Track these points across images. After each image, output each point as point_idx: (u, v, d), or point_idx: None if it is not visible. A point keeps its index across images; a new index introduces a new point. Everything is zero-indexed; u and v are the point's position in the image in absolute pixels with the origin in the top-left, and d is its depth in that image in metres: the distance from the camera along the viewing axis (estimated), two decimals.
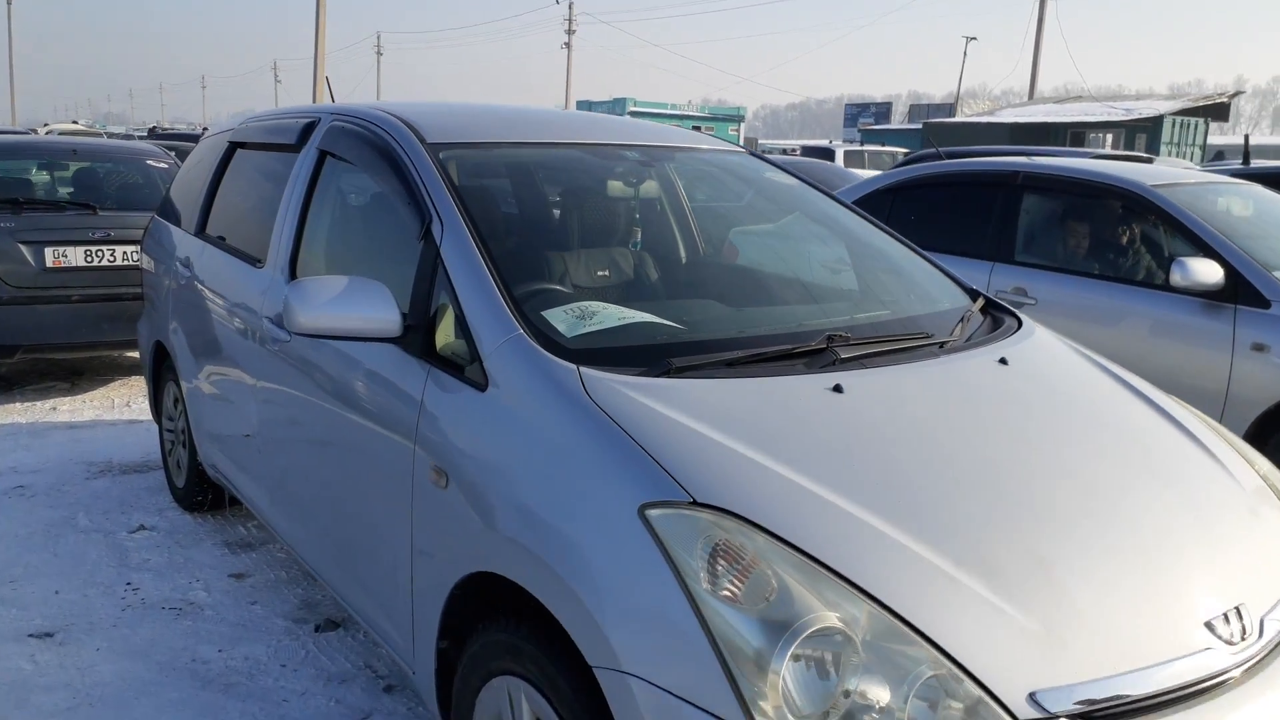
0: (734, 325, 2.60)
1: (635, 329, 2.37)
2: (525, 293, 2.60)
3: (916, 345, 2.43)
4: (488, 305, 2.25)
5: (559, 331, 2.30)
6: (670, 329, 2.41)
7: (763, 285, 3.12)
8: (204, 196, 4.20)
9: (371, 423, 2.49)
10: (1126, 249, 4.80)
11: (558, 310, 2.45)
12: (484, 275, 2.31)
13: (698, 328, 2.49)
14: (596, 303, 2.55)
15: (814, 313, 2.79)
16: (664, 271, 3.55)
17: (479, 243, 2.41)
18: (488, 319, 2.23)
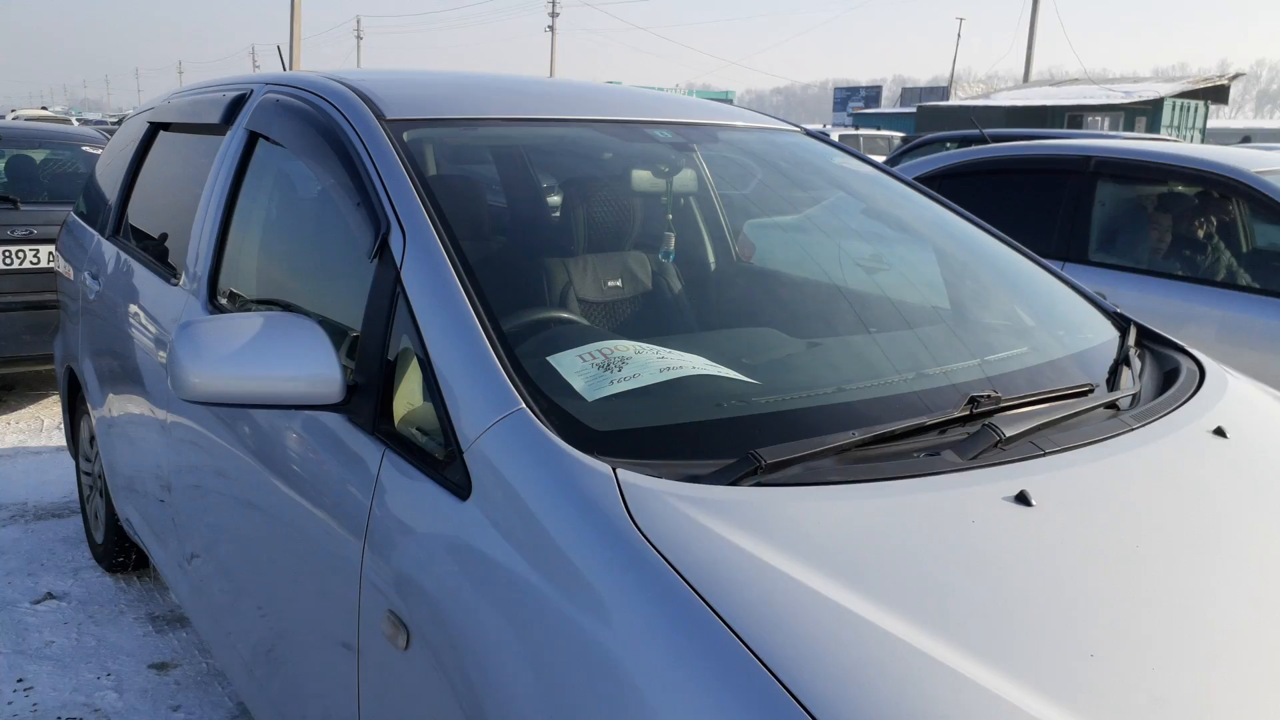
0: (819, 374, 1.84)
1: (687, 388, 1.62)
2: (522, 326, 1.85)
3: (1089, 407, 1.69)
4: (470, 360, 1.50)
5: (576, 392, 1.55)
6: (736, 386, 1.65)
7: (829, 304, 2.36)
8: (119, 192, 3.41)
9: (308, 508, 1.74)
10: (1228, 247, 4.07)
11: (571, 356, 1.70)
12: (462, 312, 1.56)
13: (775, 382, 1.74)
14: (623, 342, 1.79)
15: (917, 347, 2.04)
16: (701, 287, 2.79)
17: (457, 262, 1.65)
18: (470, 383, 1.47)
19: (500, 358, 1.50)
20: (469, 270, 1.65)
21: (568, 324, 2.07)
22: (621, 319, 2.90)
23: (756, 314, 2.37)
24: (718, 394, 1.62)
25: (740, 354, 1.93)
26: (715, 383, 1.65)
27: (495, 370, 1.47)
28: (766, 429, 1.50)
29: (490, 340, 1.53)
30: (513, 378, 1.47)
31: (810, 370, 1.85)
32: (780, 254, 3.05)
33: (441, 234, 1.70)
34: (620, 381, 1.62)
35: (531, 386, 1.48)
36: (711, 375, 1.66)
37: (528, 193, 2.99)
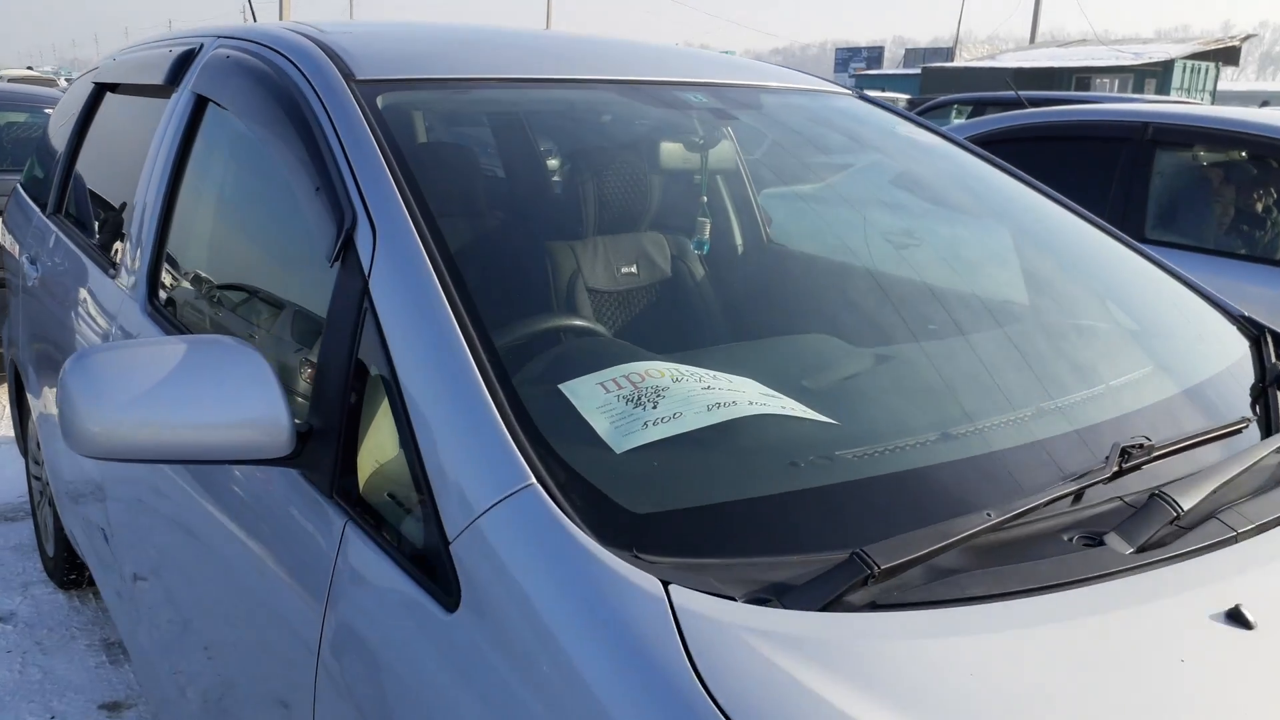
0: (904, 406, 1.45)
1: (747, 434, 1.23)
2: (524, 340, 1.47)
3: (1262, 456, 1.31)
4: (458, 406, 1.11)
5: (599, 440, 1.18)
6: (810, 431, 1.27)
7: (893, 301, 1.97)
8: (61, 163, 2.99)
9: (257, 556, 1.36)
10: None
11: (590, 385, 1.31)
12: (448, 339, 1.16)
13: (855, 422, 1.35)
14: (655, 364, 1.40)
15: (1016, 365, 1.65)
16: (731, 277, 2.41)
17: (442, 267, 1.25)
18: (458, 441, 1.08)
19: (500, 404, 1.11)
20: (458, 278, 1.25)
21: (582, 336, 1.68)
22: (638, 311, 2.51)
23: (805, 315, 1.98)
24: (788, 443, 1.24)
25: (795, 372, 1.54)
26: (781, 425, 1.27)
27: (493, 424, 1.09)
28: (865, 504, 1.12)
29: (486, 378, 1.14)
30: (517, 435, 1.08)
31: (891, 400, 1.46)
32: (818, 235, 2.65)
33: (423, 230, 1.30)
34: (658, 424, 1.23)
35: (542, 446, 1.09)
36: (777, 416, 1.28)
37: (530, 168, 2.58)
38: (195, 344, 1.23)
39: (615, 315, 2.48)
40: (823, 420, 1.30)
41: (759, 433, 1.24)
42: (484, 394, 1.11)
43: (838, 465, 1.19)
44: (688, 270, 2.59)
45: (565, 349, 1.47)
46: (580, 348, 1.49)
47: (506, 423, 1.08)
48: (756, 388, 1.39)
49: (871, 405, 1.44)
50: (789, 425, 1.27)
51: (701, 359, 1.57)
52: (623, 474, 1.12)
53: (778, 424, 1.26)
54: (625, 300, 2.51)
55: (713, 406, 1.27)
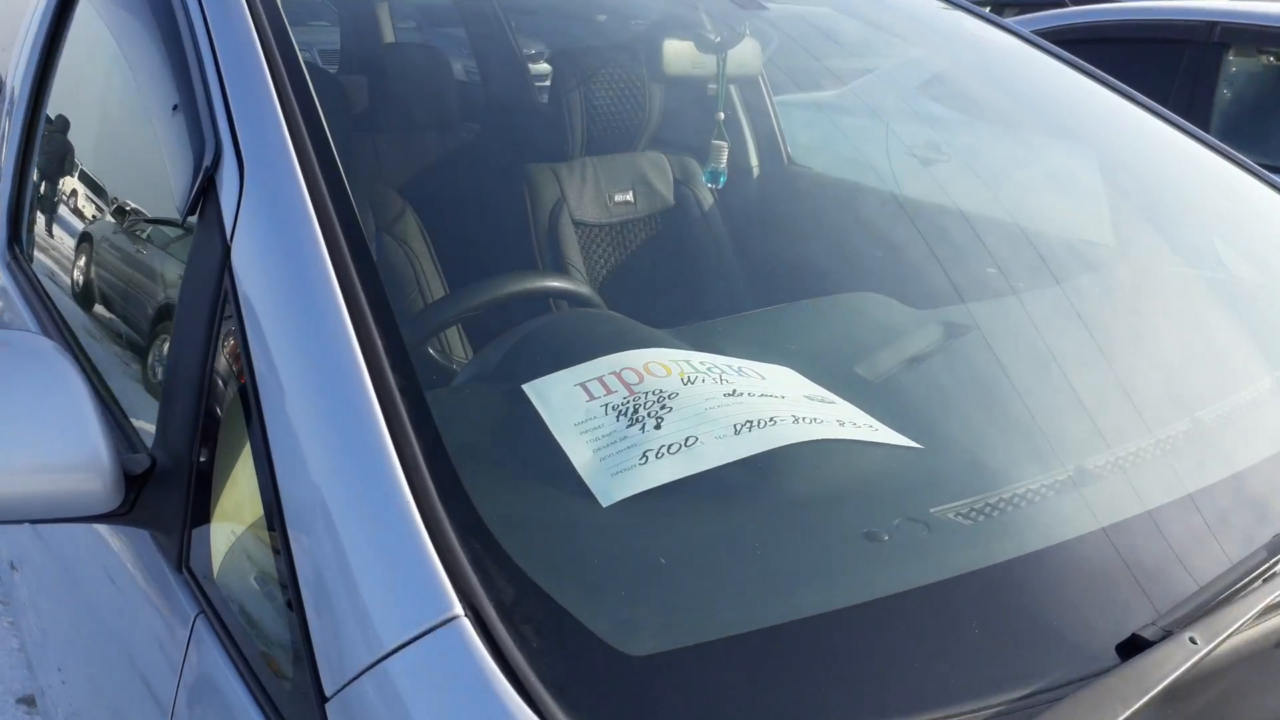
0: (999, 419, 1.03)
1: (794, 475, 0.84)
2: (472, 311, 1.08)
3: None
4: (347, 473, 0.70)
5: (581, 487, 0.78)
6: (890, 465, 0.87)
7: (958, 246, 1.54)
8: None
9: (98, 617, 0.98)
10: None
11: (565, 385, 0.92)
12: (342, 352, 0.75)
13: (948, 450, 0.94)
14: (658, 353, 1.00)
15: (1126, 350, 1.23)
16: (747, 209, 1.99)
17: (337, 228, 0.83)
18: (346, 535, 0.68)
19: (413, 467, 0.70)
20: (357, 243, 0.83)
21: (559, 300, 1.27)
22: (633, 249, 2.09)
23: (846, 264, 1.56)
24: (857, 489, 0.84)
25: (843, 350, 1.15)
26: (842, 456, 0.87)
27: (400, 507, 0.68)
28: (997, 616, 0.72)
29: (392, 416, 0.72)
30: (439, 527, 0.67)
31: (975, 398, 1.05)
32: (849, 157, 2.21)
33: (311, 166, 0.87)
34: (662, 456, 0.84)
35: (481, 539, 0.68)
36: (834, 439, 0.87)
37: (506, 73, 2.13)
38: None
39: (605, 255, 2.06)
40: (900, 443, 0.90)
41: (811, 472, 0.84)
42: (387, 451, 0.70)
43: (942, 535, 0.79)
44: (694, 199, 2.15)
45: (534, 328, 1.06)
46: (554, 326, 1.07)
47: (424, 504, 0.68)
48: (798, 387, 0.98)
49: (953, 409, 1.04)
50: (852, 455, 0.87)
51: (715, 333, 1.17)
52: (611, 579, 0.72)
53: (837, 455, 0.86)
54: (618, 236, 2.09)
55: (742, 427, 0.87)
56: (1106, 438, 0.92)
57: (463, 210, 1.96)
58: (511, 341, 1.03)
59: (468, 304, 1.10)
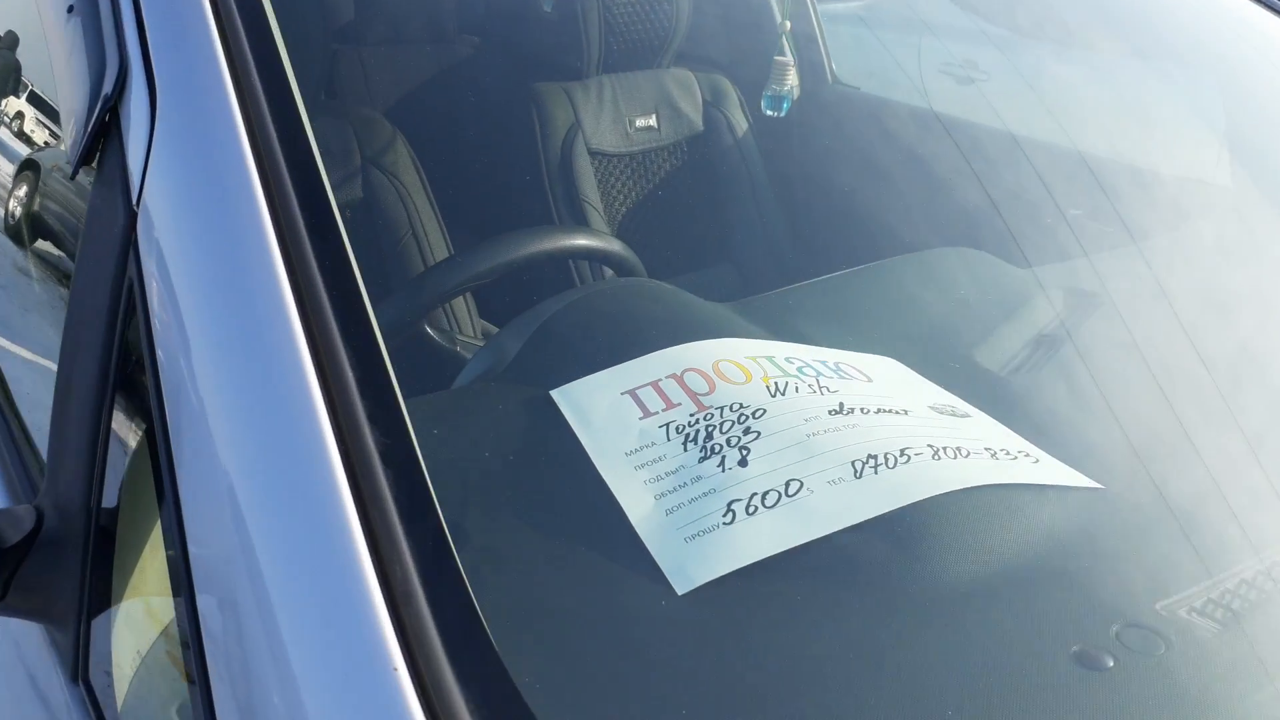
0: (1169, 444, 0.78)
1: (944, 543, 0.59)
2: (466, 283, 0.82)
3: None
4: (285, 553, 0.45)
5: (666, 572, 0.54)
6: (1075, 518, 0.62)
7: (1039, 180, 1.26)
8: None
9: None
10: None
11: (606, 394, 0.67)
12: (285, 360, 0.49)
13: (1145, 501, 0.69)
14: (728, 347, 0.75)
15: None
16: (808, 151, 1.72)
17: (282, 172, 0.56)
18: (290, 655, 0.44)
19: (383, 524, 0.45)
20: (319, 215, 0.56)
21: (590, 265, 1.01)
22: (656, 181, 1.81)
23: (925, 209, 1.28)
24: (1039, 570, 0.59)
25: (948, 326, 0.90)
26: (1011, 511, 0.62)
27: (362, 605, 0.43)
28: None
29: (362, 459, 0.47)
30: (423, 652, 0.42)
31: (1162, 417, 0.80)
32: (901, 75, 1.91)
33: (259, 100, 0.59)
34: (756, 511, 0.59)
35: (486, 664, 0.44)
36: (991, 484, 0.62)
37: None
38: None
39: (625, 191, 1.79)
40: (1074, 482, 0.65)
41: (967, 538, 0.59)
42: (346, 522, 0.44)
43: (1191, 652, 0.54)
44: (726, 123, 1.87)
45: (562, 308, 0.79)
46: (589, 305, 0.81)
47: (404, 608, 0.43)
48: (915, 392, 0.74)
49: (1123, 416, 0.78)
50: (1017, 508, 0.62)
51: (781, 308, 0.91)
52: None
53: (996, 508, 0.61)
54: (639, 168, 1.82)
55: (864, 466, 0.62)
56: None
57: (461, 138, 1.69)
58: (531, 327, 0.77)
59: (473, 271, 0.85)
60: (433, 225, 1.51)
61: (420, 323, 0.87)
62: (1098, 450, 0.71)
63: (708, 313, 0.82)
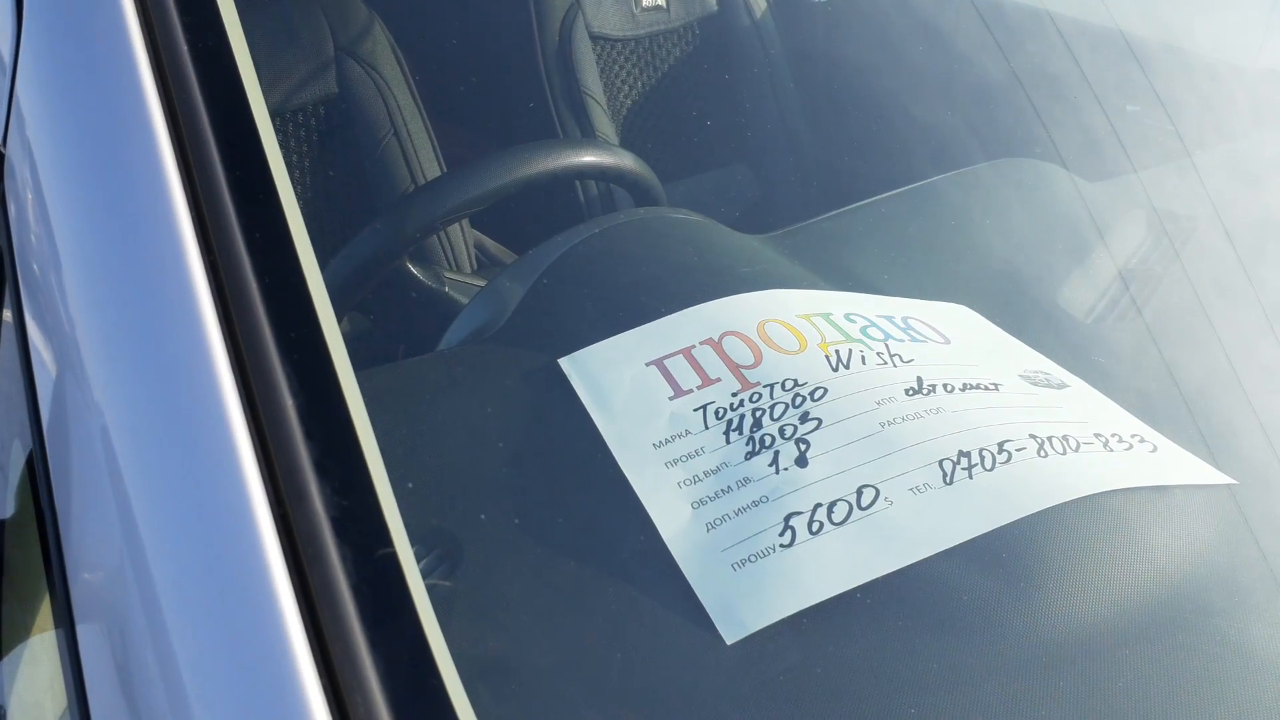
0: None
1: (1075, 569, 0.47)
2: (444, 217, 0.68)
3: None
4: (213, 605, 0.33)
5: (711, 614, 0.43)
6: (1220, 531, 0.50)
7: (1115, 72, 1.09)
8: None
9: None
10: None
11: (628, 366, 0.54)
12: (202, 355, 0.36)
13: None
14: (776, 300, 0.61)
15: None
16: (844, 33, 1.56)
17: (228, 120, 0.42)
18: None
19: (316, 551, 0.32)
20: (246, 151, 0.41)
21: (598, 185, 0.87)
22: (664, 72, 1.64)
23: (976, 108, 1.12)
24: (1184, 601, 0.47)
25: (1022, 262, 0.77)
26: (1136, 522, 0.50)
27: (281, 645, 0.30)
28: None
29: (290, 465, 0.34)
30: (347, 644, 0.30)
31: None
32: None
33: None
34: (823, 527, 0.47)
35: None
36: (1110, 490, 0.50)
37: None
38: None
39: (631, 82, 1.62)
40: (1206, 478, 0.53)
41: (1091, 563, 0.47)
42: (260, 554, 0.31)
43: None
44: (743, 3, 1.69)
45: (572, 248, 0.65)
46: (604, 244, 0.66)
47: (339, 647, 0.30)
48: (1003, 354, 0.60)
49: (1233, 388, 0.65)
50: (1141, 517, 0.50)
51: (826, 238, 0.77)
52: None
53: (1118, 520, 0.49)
54: (646, 55, 1.64)
55: (954, 467, 0.50)
56: None
57: (447, 22, 1.51)
58: (534, 273, 0.63)
59: (459, 199, 0.70)
60: (417, 124, 1.35)
61: (401, 259, 0.73)
62: (1224, 426, 0.59)
63: (746, 252, 0.68)
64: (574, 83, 1.52)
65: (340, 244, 0.76)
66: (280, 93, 1.23)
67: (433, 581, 0.43)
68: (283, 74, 1.24)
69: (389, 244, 0.69)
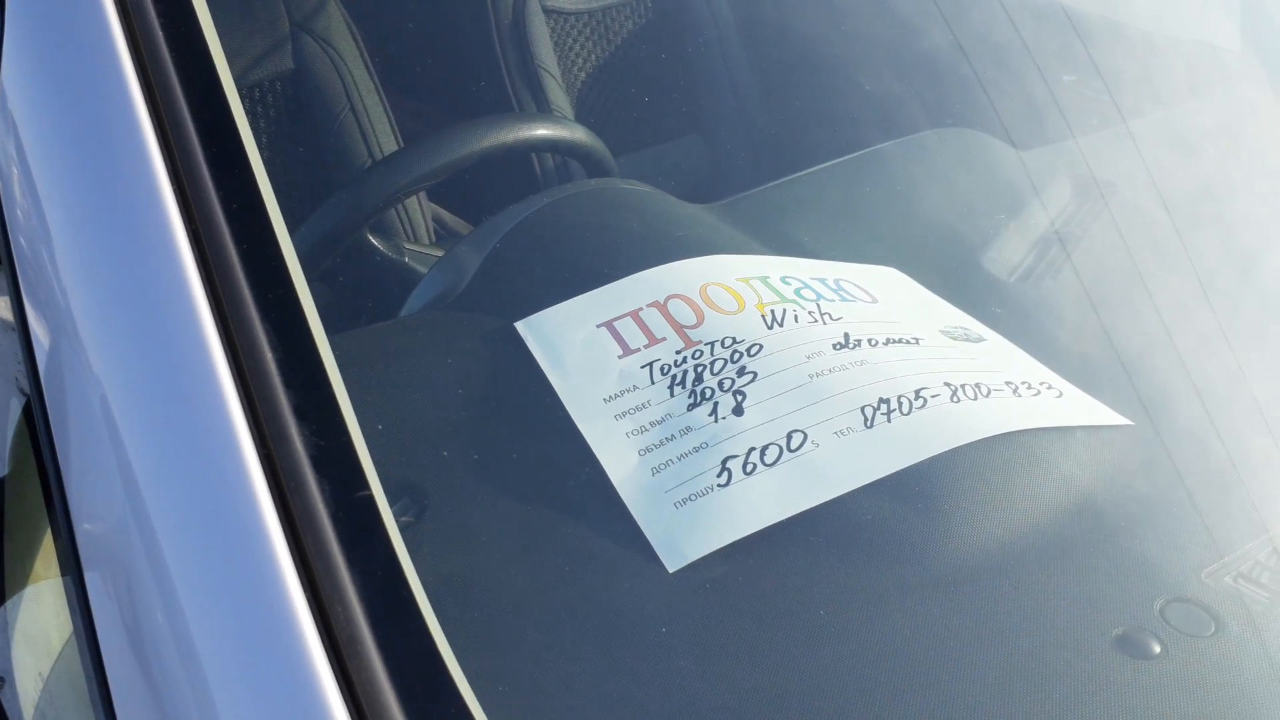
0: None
1: (983, 501, 0.52)
2: (404, 188, 0.72)
3: None
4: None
5: (656, 546, 0.47)
6: (1103, 471, 0.55)
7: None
8: None
9: None
10: None
11: (578, 327, 0.59)
12: (189, 319, 0.40)
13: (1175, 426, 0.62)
14: (718, 265, 0.66)
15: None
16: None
17: (201, 94, 0.45)
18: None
19: (304, 505, 0.36)
20: (210, 82, 0.44)
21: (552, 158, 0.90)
22: (618, 46, 1.67)
23: (919, 76, 1.17)
24: (1066, 536, 0.52)
25: (952, 226, 0.82)
26: (1032, 459, 0.55)
27: (279, 605, 0.35)
28: None
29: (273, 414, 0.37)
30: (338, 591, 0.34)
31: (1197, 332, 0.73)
32: None
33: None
34: (756, 468, 0.53)
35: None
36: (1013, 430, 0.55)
37: None
38: None
39: (585, 56, 1.65)
40: (1103, 419, 0.58)
41: (987, 497, 0.52)
42: (256, 512, 0.35)
43: (1241, 631, 0.48)
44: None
45: (526, 217, 0.69)
46: (556, 213, 0.70)
47: (328, 595, 0.34)
48: (925, 312, 0.66)
49: (1155, 334, 0.71)
50: (1040, 455, 0.55)
51: (766, 207, 0.82)
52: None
53: (1018, 456, 0.55)
54: (600, 28, 1.66)
55: (874, 412, 0.55)
56: None
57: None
58: (489, 243, 0.68)
59: (411, 175, 0.74)
60: (373, 99, 1.37)
61: (361, 231, 0.76)
62: (1125, 375, 0.65)
63: (690, 220, 0.72)
64: (528, 56, 1.55)
65: (299, 218, 0.80)
66: (236, 69, 1.25)
67: (404, 520, 0.47)
68: (238, 51, 1.26)
69: (348, 217, 0.72)
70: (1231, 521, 0.53)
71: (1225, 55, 1.22)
